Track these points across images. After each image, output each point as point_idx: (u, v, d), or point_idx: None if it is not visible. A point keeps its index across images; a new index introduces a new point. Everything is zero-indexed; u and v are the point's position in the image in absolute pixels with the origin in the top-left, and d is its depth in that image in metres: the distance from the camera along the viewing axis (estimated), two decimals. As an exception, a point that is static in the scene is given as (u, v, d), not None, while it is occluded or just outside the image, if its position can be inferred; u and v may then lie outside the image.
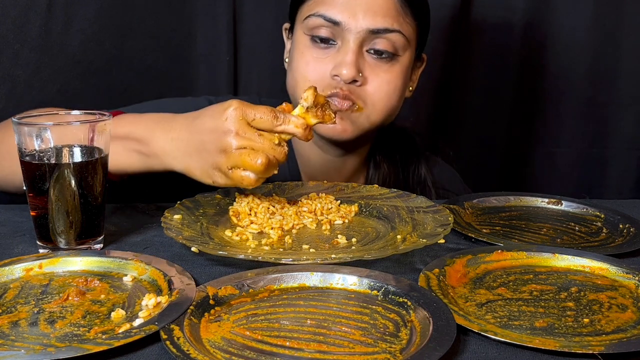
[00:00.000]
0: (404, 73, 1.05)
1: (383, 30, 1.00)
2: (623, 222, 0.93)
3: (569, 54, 1.58)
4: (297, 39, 1.06)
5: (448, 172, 1.24)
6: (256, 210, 0.87)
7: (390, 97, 1.04)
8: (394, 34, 1.01)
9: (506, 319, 0.63)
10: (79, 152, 0.77)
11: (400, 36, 1.01)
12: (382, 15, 1.00)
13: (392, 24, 1.00)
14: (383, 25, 1.00)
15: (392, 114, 1.07)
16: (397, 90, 1.05)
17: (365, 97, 1.02)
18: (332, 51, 1.02)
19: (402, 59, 1.04)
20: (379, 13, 0.99)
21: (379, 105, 1.03)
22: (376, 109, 1.03)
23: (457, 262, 0.74)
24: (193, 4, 1.43)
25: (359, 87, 1.01)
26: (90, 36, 1.33)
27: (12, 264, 0.72)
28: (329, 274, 0.69)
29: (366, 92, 1.02)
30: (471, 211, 0.97)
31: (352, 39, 1.00)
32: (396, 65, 1.04)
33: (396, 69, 1.04)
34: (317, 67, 1.02)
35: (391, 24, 1.00)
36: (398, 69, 1.04)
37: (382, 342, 0.58)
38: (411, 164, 1.19)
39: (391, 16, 1.00)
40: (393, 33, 1.01)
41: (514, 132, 1.64)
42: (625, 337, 0.60)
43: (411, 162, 1.19)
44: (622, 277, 0.73)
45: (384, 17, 1.00)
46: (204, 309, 0.62)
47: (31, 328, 0.60)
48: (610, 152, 1.64)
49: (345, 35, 1.00)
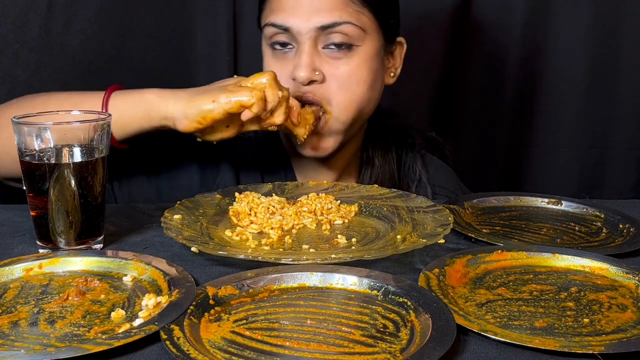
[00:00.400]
0: (368, 62, 1.04)
1: (332, 24, 1.00)
2: (623, 222, 0.93)
3: (569, 54, 1.58)
4: (263, 50, 1.09)
5: (444, 171, 1.24)
6: (256, 210, 0.87)
7: (354, 90, 1.03)
8: (344, 26, 1.01)
9: (506, 319, 0.63)
10: (79, 152, 0.77)
11: (352, 27, 1.01)
12: (328, 11, 1.00)
13: (340, 16, 1.01)
14: (330, 20, 1.00)
15: (366, 107, 1.06)
16: (362, 81, 1.04)
17: (329, 96, 1.02)
18: (291, 55, 1.04)
19: (361, 49, 1.03)
20: (324, 9, 1.00)
21: (344, 101, 1.03)
22: (341, 106, 1.03)
23: (457, 262, 0.74)
24: (193, 4, 1.43)
25: (320, 86, 1.02)
26: (90, 36, 1.33)
27: (12, 264, 0.72)
28: (329, 274, 0.69)
29: (328, 90, 1.02)
30: (471, 211, 0.97)
31: (304, 40, 1.01)
32: (355, 56, 1.03)
33: (355, 61, 1.03)
34: (280, 74, 1.02)
35: (339, 17, 1.00)
36: (358, 60, 1.03)
37: (382, 342, 0.58)
38: (406, 160, 1.19)
39: (338, 9, 1.01)
40: (343, 25, 1.01)
41: (514, 132, 1.64)
42: (625, 337, 0.60)
43: (406, 158, 1.19)
44: (622, 277, 0.73)
45: (330, 12, 1.00)
46: (204, 309, 0.62)
47: (31, 328, 0.60)
48: (610, 152, 1.64)
49: (298, 38, 1.02)
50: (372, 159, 1.16)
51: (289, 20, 1.01)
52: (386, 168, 1.16)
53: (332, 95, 1.02)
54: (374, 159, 1.16)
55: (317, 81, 1.02)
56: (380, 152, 1.17)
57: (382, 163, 1.16)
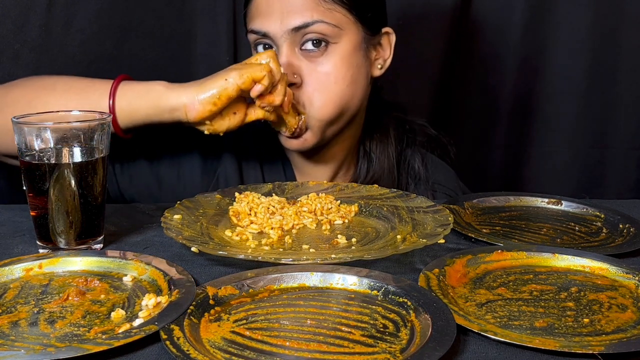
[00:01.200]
0: (346, 59, 1.04)
1: (304, 25, 1.01)
2: (623, 222, 0.93)
3: (569, 54, 1.58)
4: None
5: (443, 169, 1.24)
6: (256, 210, 0.88)
7: (332, 89, 1.03)
8: (316, 25, 1.01)
9: (506, 319, 0.63)
10: (79, 152, 0.78)
11: (325, 25, 1.01)
12: (298, 12, 1.01)
13: (311, 16, 1.01)
14: (302, 21, 1.01)
15: (345, 102, 1.06)
16: (341, 79, 1.04)
17: (304, 100, 1.03)
18: None
19: (338, 46, 1.03)
20: (294, 11, 1.01)
21: (321, 101, 1.03)
22: (316, 106, 1.03)
23: (457, 262, 0.74)
24: (193, 4, 1.43)
25: (297, 89, 1.03)
26: (90, 36, 1.33)
27: (12, 264, 0.72)
28: (329, 274, 0.69)
29: (305, 94, 1.03)
30: (471, 211, 0.97)
31: (282, 43, 1.02)
32: (333, 53, 1.03)
33: (332, 60, 1.03)
34: None
35: (310, 17, 1.01)
36: (336, 57, 1.03)
37: (382, 342, 0.58)
38: (406, 155, 1.19)
39: (309, 9, 1.01)
40: (316, 25, 1.01)
41: (514, 132, 1.64)
42: (625, 337, 0.60)
43: (406, 153, 1.19)
44: (622, 277, 0.73)
45: (301, 12, 1.01)
46: (204, 309, 0.62)
47: (31, 328, 0.60)
48: (610, 152, 1.64)
49: (276, 42, 1.03)
50: (370, 153, 1.16)
51: (264, 25, 1.03)
52: (385, 162, 1.15)
53: (308, 99, 1.03)
54: (372, 152, 1.16)
55: (295, 84, 1.02)
56: (378, 145, 1.16)
57: (381, 157, 1.15)
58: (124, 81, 0.97)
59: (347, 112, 1.07)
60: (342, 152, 1.15)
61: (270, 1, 1.02)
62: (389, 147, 1.17)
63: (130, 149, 1.06)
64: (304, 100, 1.03)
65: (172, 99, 0.93)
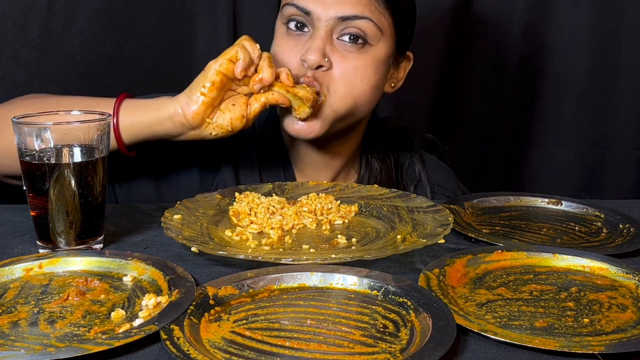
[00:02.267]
0: (377, 64, 1.04)
1: (352, 17, 1.00)
2: (623, 222, 0.93)
3: (569, 54, 1.58)
4: (277, 28, 1.09)
5: (443, 170, 1.24)
6: (256, 210, 0.88)
7: (356, 84, 1.03)
8: (363, 21, 1.01)
9: (506, 319, 0.63)
10: (79, 152, 0.77)
11: (370, 24, 1.01)
12: (351, 3, 1.01)
13: (362, 11, 1.01)
14: (352, 13, 1.00)
15: (361, 104, 1.06)
16: (366, 80, 1.04)
17: (329, 82, 1.02)
18: (305, 38, 1.03)
19: (374, 48, 1.03)
20: (347, 1, 1.01)
21: (342, 90, 1.02)
22: (338, 94, 1.02)
23: (457, 262, 0.74)
24: (193, 4, 1.43)
25: (325, 72, 1.02)
26: (90, 36, 1.33)
27: (12, 264, 0.72)
28: (329, 274, 0.69)
29: (331, 77, 1.02)
30: (471, 211, 0.97)
31: (322, 26, 1.01)
32: (366, 54, 1.03)
33: (366, 57, 1.03)
34: (290, 54, 1.04)
35: (361, 11, 1.01)
36: (368, 58, 1.03)
37: (382, 342, 0.58)
38: (405, 161, 1.19)
39: (361, 4, 1.01)
40: (362, 20, 1.01)
41: (514, 132, 1.64)
42: (625, 337, 0.60)
43: (405, 159, 1.19)
44: (622, 277, 0.73)
45: (353, 4, 1.01)
46: (204, 309, 0.62)
47: (31, 328, 0.60)
48: (610, 152, 1.64)
49: (316, 23, 1.02)
50: (371, 163, 1.16)
51: (310, 4, 1.01)
52: (384, 172, 1.16)
53: (333, 83, 1.02)
54: (373, 163, 1.16)
55: (323, 67, 1.01)
56: (378, 155, 1.17)
57: (381, 167, 1.16)
58: (126, 99, 0.97)
59: (358, 113, 1.07)
60: (342, 159, 1.15)
61: None
62: (388, 155, 1.17)
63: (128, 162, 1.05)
64: (328, 83, 1.02)
65: (170, 106, 0.93)
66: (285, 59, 1.04)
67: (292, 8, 1.03)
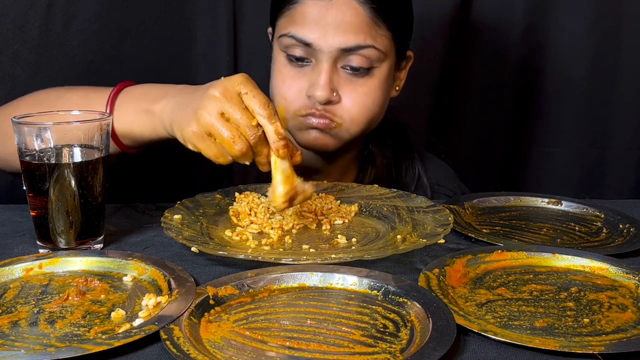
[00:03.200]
0: (383, 83, 1.04)
1: (355, 47, 0.99)
2: (623, 222, 0.93)
3: (569, 54, 1.58)
4: (275, 54, 1.06)
5: (443, 169, 1.24)
6: (256, 210, 0.87)
7: (369, 110, 1.03)
8: (367, 49, 1.00)
9: (506, 319, 0.63)
10: (79, 152, 0.77)
11: (374, 51, 1.00)
12: (353, 33, 0.98)
13: (364, 40, 0.99)
14: (355, 43, 0.99)
15: (374, 122, 1.07)
16: (376, 102, 1.04)
17: (342, 113, 1.02)
18: (308, 69, 1.02)
19: (378, 70, 1.03)
20: (349, 31, 0.98)
21: (358, 119, 1.03)
22: (355, 123, 1.03)
23: (457, 262, 0.74)
24: (193, 4, 1.43)
25: (335, 106, 1.01)
26: (90, 36, 1.33)
27: (12, 264, 0.72)
28: (329, 274, 0.69)
29: (343, 109, 1.01)
30: (471, 211, 0.97)
31: (325, 58, 0.99)
32: (373, 78, 1.03)
33: (373, 82, 1.03)
34: (292, 85, 1.02)
35: (363, 40, 0.99)
36: (375, 82, 1.03)
37: (382, 342, 0.58)
38: (405, 160, 1.19)
39: (363, 32, 0.99)
40: (366, 49, 0.99)
41: (513, 132, 1.64)
42: (625, 337, 0.60)
43: (405, 158, 1.19)
44: (622, 277, 0.73)
45: (355, 34, 0.98)
46: (204, 309, 0.62)
47: (31, 328, 0.60)
48: (610, 152, 1.63)
49: (318, 55, 1.00)
50: (371, 161, 1.16)
51: (311, 35, 0.98)
52: (384, 170, 1.16)
53: (346, 114, 1.02)
54: (373, 160, 1.16)
55: (333, 102, 1.01)
56: (378, 154, 1.17)
57: (381, 165, 1.16)
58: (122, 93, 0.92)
59: (370, 129, 1.08)
60: (346, 163, 1.15)
61: (323, 13, 0.98)
62: (388, 154, 1.17)
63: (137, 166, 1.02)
64: (341, 114, 1.02)
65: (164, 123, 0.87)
66: (285, 89, 1.03)
67: (291, 39, 1.01)
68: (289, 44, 1.01)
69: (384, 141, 1.18)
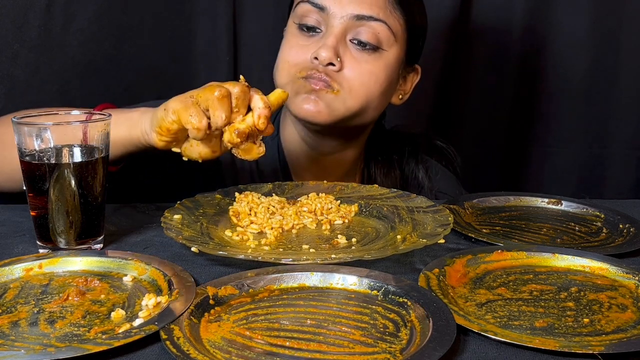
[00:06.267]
0: (388, 68, 1.05)
1: (367, 17, 1.01)
2: (623, 222, 0.93)
3: (569, 54, 1.58)
4: (288, 29, 1.08)
5: (445, 176, 1.24)
6: (256, 210, 0.87)
7: (370, 86, 1.03)
8: (378, 23, 1.01)
9: (506, 319, 0.63)
10: (79, 152, 0.77)
11: (385, 27, 1.01)
12: (368, 4, 1.01)
13: (377, 13, 1.01)
14: (368, 12, 1.01)
15: (371, 107, 1.06)
16: (379, 83, 1.04)
17: (341, 80, 1.01)
18: (317, 38, 1.03)
19: (386, 53, 1.04)
20: (365, 1, 1.01)
21: (356, 90, 1.02)
22: (352, 94, 1.02)
23: (457, 262, 0.74)
24: (193, 4, 1.43)
25: (336, 72, 1.01)
26: (90, 36, 1.33)
27: (12, 264, 0.72)
28: (329, 274, 0.69)
29: (343, 77, 1.02)
30: (471, 211, 0.97)
31: (336, 24, 1.01)
32: (379, 59, 1.03)
33: (379, 62, 1.03)
34: (299, 52, 1.03)
35: (377, 13, 1.01)
36: (381, 63, 1.03)
37: (382, 342, 0.58)
38: (409, 171, 1.19)
39: (378, 6, 1.01)
40: (378, 22, 1.01)
41: (513, 132, 1.64)
42: (625, 337, 0.60)
43: (409, 169, 1.19)
44: (622, 277, 0.73)
45: (370, 5, 1.01)
46: (204, 309, 0.62)
47: (31, 328, 0.60)
48: (610, 152, 1.64)
49: (330, 21, 1.01)
50: (373, 174, 1.16)
51: (326, 1, 1.01)
52: (389, 183, 1.15)
53: (345, 82, 1.01)
54: (375, 173, 1.16)
55: (334, 67, 1.01)
56: (382, 169, 1.17)
57: (385, 180, 1.16)
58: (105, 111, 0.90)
59: (366, 116, 1.07)
60: (343, 167, 1.15)
61: None
62: (393, 168, 1.17)
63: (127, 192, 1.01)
64: (340, 81, 1.01)
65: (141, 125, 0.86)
66: (291, 55, 1.04)
67: (306, 5, 1.03)
68: (304, 10, 1.03)
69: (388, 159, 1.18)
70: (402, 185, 1.17)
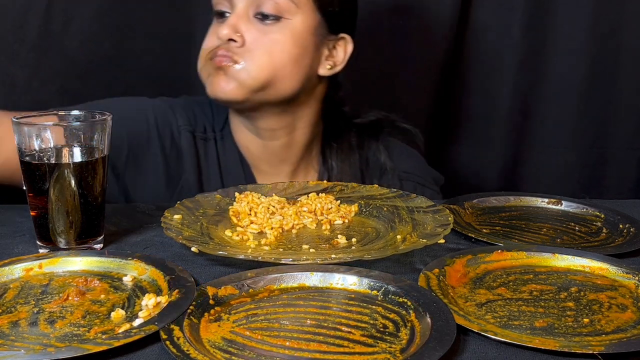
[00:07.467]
0: (296, 37, 1.06)
1: None
2: (623, 222, 0.93)
3: (569, 54, 1.58)
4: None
5: (410, 156, 1.24)
6: (256, 210, 0.87)
7: (274, 54, 1.05)
8: None
9: (506, 319, 0.63)
10: (79, 152, 0.77)
11: None
12: None
13: None
14: None
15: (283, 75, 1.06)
16: (285, 51, 1.06)
17: (243, 52, 1.05)
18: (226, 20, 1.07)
19: (290, 22, 1.05)
20: None
21: (259, 58, 1.04)
22: (255, 62, 1.04)
23: (457, 262, 0.74)
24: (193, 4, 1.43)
25: (237, 47, 1.04)
26: (90, 36, 1.33)
27: (12, 264, 0.72)
28: (329, 274, 0.69)
29: (245, 49, 1.05)
30: (471, 211, 0.97)
31: (238, 3, 1.05)
32: (284, 28, 1.05)
33: (283, 31, 1.05)
34: (211, 37, 1.08)
35: None
36: (286, 31, 1.05)
37: (382, 342, 0.58)
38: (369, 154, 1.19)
39: None
40: None
41: (513, 132, 1.64)
42: (625, 337, 0.60)
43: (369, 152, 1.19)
44: (622, 277, 0.73)
45: None
46: (204, 309, 0.62)
47: (31, 328, 0.60)
48: (610, 152, 1.63)
49: (234, 2, 1.06)
50: (330, 158, 1.18)
51: None
52: (348, 166, 1.16)
53: (249, 53, 1.04)
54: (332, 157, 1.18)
55: (236, 42, 1.04)
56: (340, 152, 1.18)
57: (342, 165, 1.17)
58: None
59: (280, 86, 1.07)
60: (296, 153, 1.16)
61: None
62: (352, 155, 1.18)
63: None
64: (243, 53, 1.04)
65: None
66: (206, 42, 1.09)
67: None
68: (215, 2, 1.09)
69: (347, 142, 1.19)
70: (363, 169, 1.18)
